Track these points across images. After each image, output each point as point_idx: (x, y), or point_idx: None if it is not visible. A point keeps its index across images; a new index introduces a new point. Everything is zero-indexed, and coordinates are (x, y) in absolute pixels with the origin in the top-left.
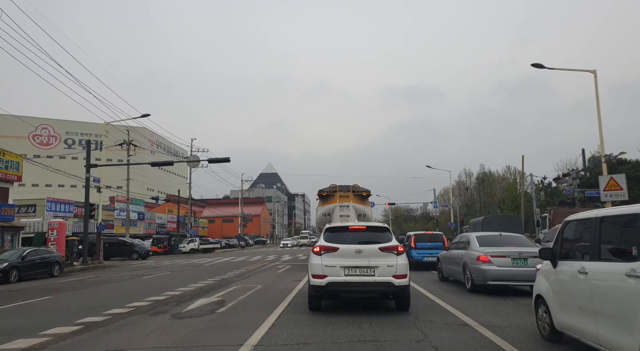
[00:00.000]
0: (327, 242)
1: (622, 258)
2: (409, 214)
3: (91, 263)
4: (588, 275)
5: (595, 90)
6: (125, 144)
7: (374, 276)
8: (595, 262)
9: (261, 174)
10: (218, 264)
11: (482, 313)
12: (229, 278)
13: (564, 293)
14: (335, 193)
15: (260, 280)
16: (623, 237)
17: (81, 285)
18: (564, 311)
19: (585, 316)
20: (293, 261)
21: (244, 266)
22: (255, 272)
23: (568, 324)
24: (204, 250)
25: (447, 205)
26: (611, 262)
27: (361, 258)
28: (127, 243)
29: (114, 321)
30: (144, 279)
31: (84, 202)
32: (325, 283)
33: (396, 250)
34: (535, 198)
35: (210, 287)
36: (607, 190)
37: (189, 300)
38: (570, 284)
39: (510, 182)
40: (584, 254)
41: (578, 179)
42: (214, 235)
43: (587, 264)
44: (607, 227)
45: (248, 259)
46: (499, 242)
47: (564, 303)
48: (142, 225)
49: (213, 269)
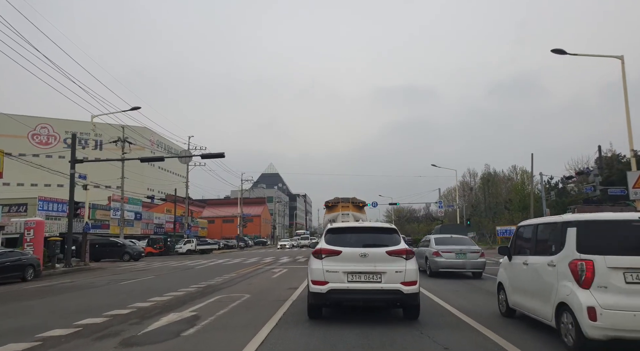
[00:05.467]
0: (328, 245)
1: (547, 253)
2: (412, 215)
3: (76, 265)
4: (528, 266)
5: (622, 77)
6: (120, 142)
7: (380, 283)
8: (533, 256)
9: (262, 174)
10: (210, 267)
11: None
12: (215, 285)
13: (515, 279)
14: (338, 204)
15: (250, 287)
16: (548, 238)
17: (42, 292)
18: (515, 293)
19: (526, 296)
20: (291, 263)
21: (237, 270)
22: (247, 277)
23: (517, 302)
24: (202, 251)
25: (452, 205)
26: (541, 255)
27: (366, 262)
28: (118, 243)
29: (40, 349)
30: (120, 285)
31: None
32: (326, 291)
33: (405, 253)
34: (545, 198)
35: (189, 297)
36: (636, 187)
37: (155, 316)
38: (518, 273)
39: (516, 181)
40: (528, 250)
41: (600, 176)
42: (214, 236)
43: (528, 258)
44: (540, 231)
45: (244, 261)
46: (449, 242)
47: (515, 287)
48: (140, 225)
49: (203, 273)
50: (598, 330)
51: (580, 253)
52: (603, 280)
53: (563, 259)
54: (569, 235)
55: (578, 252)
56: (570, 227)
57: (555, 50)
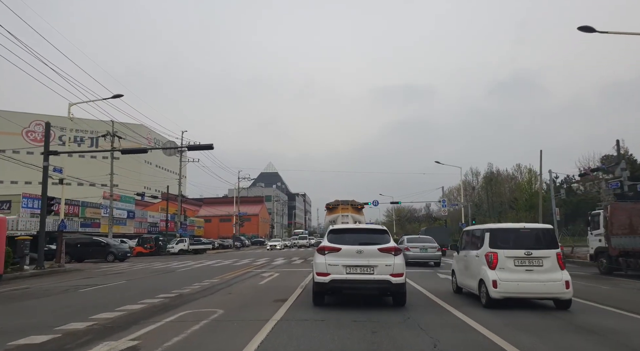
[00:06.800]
0: (330, 243)
1: (476, 248)
2: (412, 215)
3: (49, 267)
4: (467, 256)
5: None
6: (110, 136)
7: (373, 275)
8: (469, 250)
9: (261, 173)
10: (195, 270)
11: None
12: (188, 295)
13: (460, 266)
14: (338, 206)
15: (228, 298)
16: (477, 239)
17: None
18: (460, 276)
19: (465, 277)
20: (285, 266)
21: (223, 274)
22: (230, 283)
23: (461, 282)
24: (195, 251)
25: (456, 204)
26: (472, 250)
27: (361, 257)
28: (102, 243)
29: None
30: (78, 293)
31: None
32: (328, 280)
33: (394, 250)
34: (554, 197)
35: (146, 312)
36: None
37: (78, 348)
38: (462, 262)
39: (520, 180)
40: (467, 247)
41: (628, 171)
42: (210, 235)
43: (468, 252)
44: (473, 235)
45: (234, 263)
46: (416, 241)
47: (460, 272)
48: (133, 224)
49: (182, 277)
50: (498, 293)
51: (490, 248)
52: (502, 264)
53: (482, 252)
54: (486, 237)
55: (489, 247)
56: (487, 232)
57: (582, 27)
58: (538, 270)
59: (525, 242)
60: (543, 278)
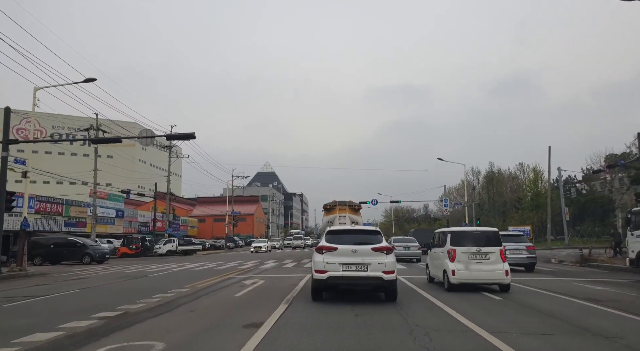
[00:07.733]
0: (328, 243)
1: (441, 246)
2: (410, 215)
3: (8, 271)
4: (436, 253)
5: None
6: (94, 130)
7: (366, 272)
8: (438, 248)
9: (258, 173)
10: (170, 275)
11: None
12: (133, 314)
13: (431, 261)
14: (336, 207)
15: (184, 319)
16: (442, 239)
17: None
18: (432, 268)
19: (435, 269)
20: (274, 271)
21: (198, 281)
22: (200, 294)
23: (433, 273)
24: (184, 252)
25: (460, 202)
26: (440, 247)
27: (356, 256)
28: (77, 243)
29: None
30: (2, 308)
31: (48, 197)
32: (326, 277)
33: (386, 250)
34: (563, 196)
35: (50, 348)
36: None
37: None
38: (432, 257)
39: (522, 180)
40: (436, 245)
41: None
42: (204, 235)
43: (436, 249)
44: (439, 235)
45: (218, 267)
46: (401, 241)
47: (431, 265)
48: (122, 224)
49: (150, 285)
50: (455, 280)
51: (451, 246)
52: (459, 258)
53: (445, 249)
54: (448, 237)
55: (450, 245)
56: (449, 234)
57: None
58: (486, 262)
59: (477, 241)
60: (489, 268)
